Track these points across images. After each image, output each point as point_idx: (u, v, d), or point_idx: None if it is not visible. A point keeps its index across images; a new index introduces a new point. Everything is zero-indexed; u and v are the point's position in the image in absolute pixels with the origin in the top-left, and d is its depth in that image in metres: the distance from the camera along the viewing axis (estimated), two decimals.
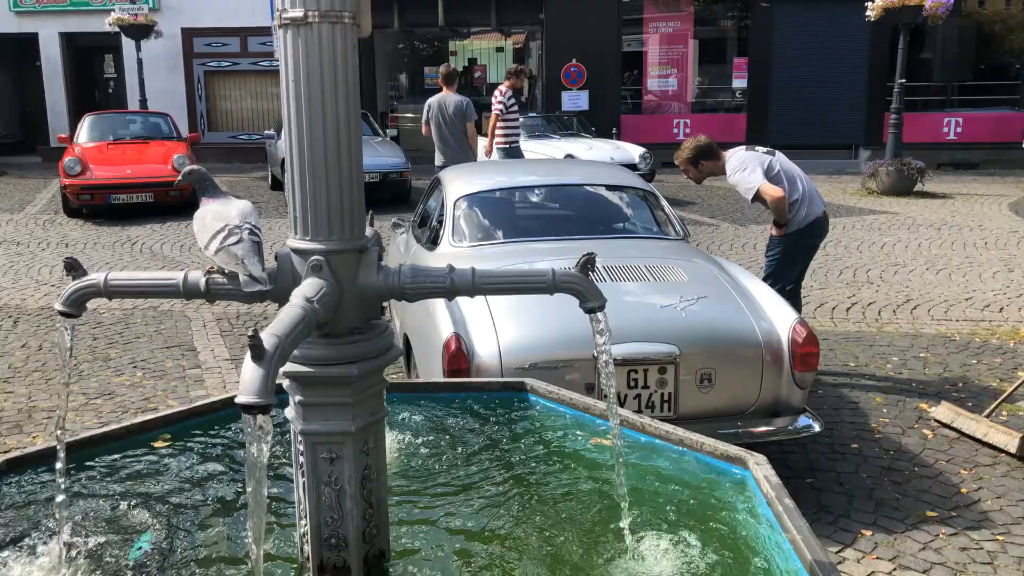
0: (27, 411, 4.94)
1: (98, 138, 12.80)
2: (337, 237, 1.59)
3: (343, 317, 1.60)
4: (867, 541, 3.44)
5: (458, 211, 4.76)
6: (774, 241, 5.13)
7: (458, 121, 8.66)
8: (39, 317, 6.91)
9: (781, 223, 5.00)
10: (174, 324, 6.65)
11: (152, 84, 16.56)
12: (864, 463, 4.14)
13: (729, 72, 17.86)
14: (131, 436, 2.25)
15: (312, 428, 1.60)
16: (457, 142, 8.71)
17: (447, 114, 8.67)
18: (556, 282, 1.68)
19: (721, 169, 5.10)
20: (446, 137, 8.74)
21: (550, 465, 2.21)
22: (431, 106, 8.82)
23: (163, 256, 9.41)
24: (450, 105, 8.67)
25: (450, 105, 8.67)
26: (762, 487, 1.95)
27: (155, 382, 5.41)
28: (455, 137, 8.71)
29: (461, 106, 8.68)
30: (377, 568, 1.68)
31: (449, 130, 8.68)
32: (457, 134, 8.70)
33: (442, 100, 8.77)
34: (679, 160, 5.21)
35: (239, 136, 19.01)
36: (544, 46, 18.22)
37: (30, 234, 10.60)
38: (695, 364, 3.57)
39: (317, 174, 1.57)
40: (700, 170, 5.17)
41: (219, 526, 1.89)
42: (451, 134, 8.69)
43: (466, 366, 3.53)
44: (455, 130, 8.67)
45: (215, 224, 1.64)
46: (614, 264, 4.06)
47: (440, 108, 8.72)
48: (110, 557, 1.77)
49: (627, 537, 1.81)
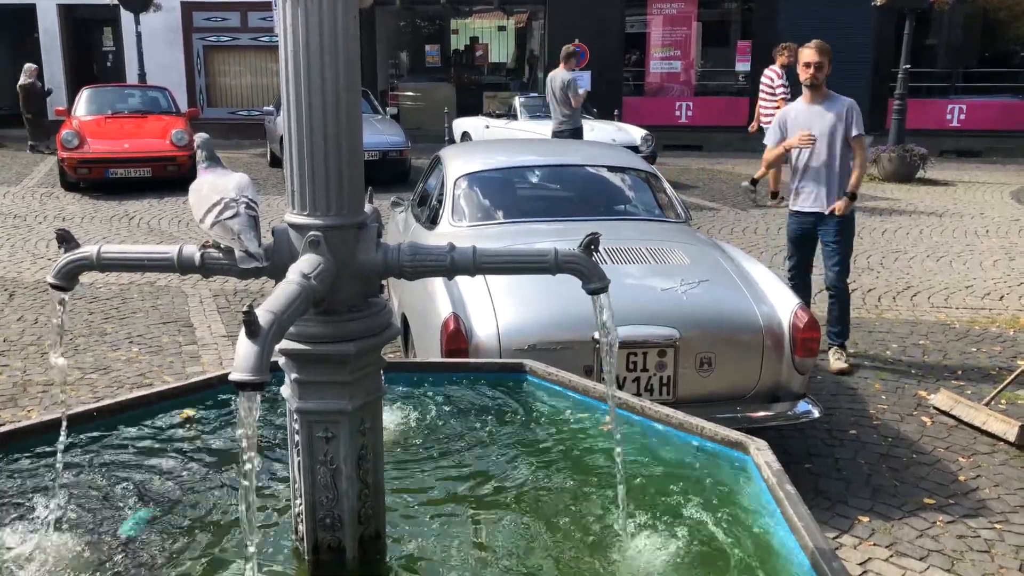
0: (22, 385, 4.92)
1: (96, 112, 12.70)
2: (335, 213, 1.56)
3: (341, 294, 1.57)
4: (864, 527, 3.44)
5: (458, 190, 4.71)
6: (850, 219, 5.15)
7: (561, 94, 9.96)
8: (35, 291, 6.87)
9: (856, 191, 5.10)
10: (171, 300, 6.62)
11: (151, 58, 16.40)
12: (862, 449, 4.13)
13: (732, 55, 17.73)
14: (126, 411, 2.23)
15: (308, 407, 1.57)
16: (561, 112, 10.04)
17: (554, 87, 10.06)
18: (559, 262, 1.65)
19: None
20: (554, 108, 10.16)
21: (548, 447, 2.19)
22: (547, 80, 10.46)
23: (160, 231, 9.36)
24: (556, 80, 10.04)
25: (556, 80, 10.04)
26: (763, 472, 1.93)
27: (151, 357, 5.39)
28: (561, 106, 10.02)
29: (563, 81, 10.00)
30: (372, 549, 1.66)
31: (557, 102, 10.04)
32: (562, 105, 10.02)
33: (552, 76, 10.23)
34: (824, 51, 5.03)
35: (238, 112, 18.88)
36: (546, 26, 18.08)
37: (27, 207, 10.54)
38: (695, 348, 3.55)
39: (316, 148, 1.53)
40: (826, 73, 5.10)
41: (215, 503, 1.87)
42: (558, 105, 10.04)
43: (464, 346, 3.51)
44: (560, 102, 10.00)
45: (212, 197, 1.60)
46: (615, 246, 4.02)
47: (550, 82, 10.22)
48: (105, 530, 1.75)
49: (625, 520, 1.79)
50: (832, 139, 5.02)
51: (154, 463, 2.03)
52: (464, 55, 21.55)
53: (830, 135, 5.02)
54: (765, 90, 10.57)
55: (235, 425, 2.20)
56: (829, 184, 5.06)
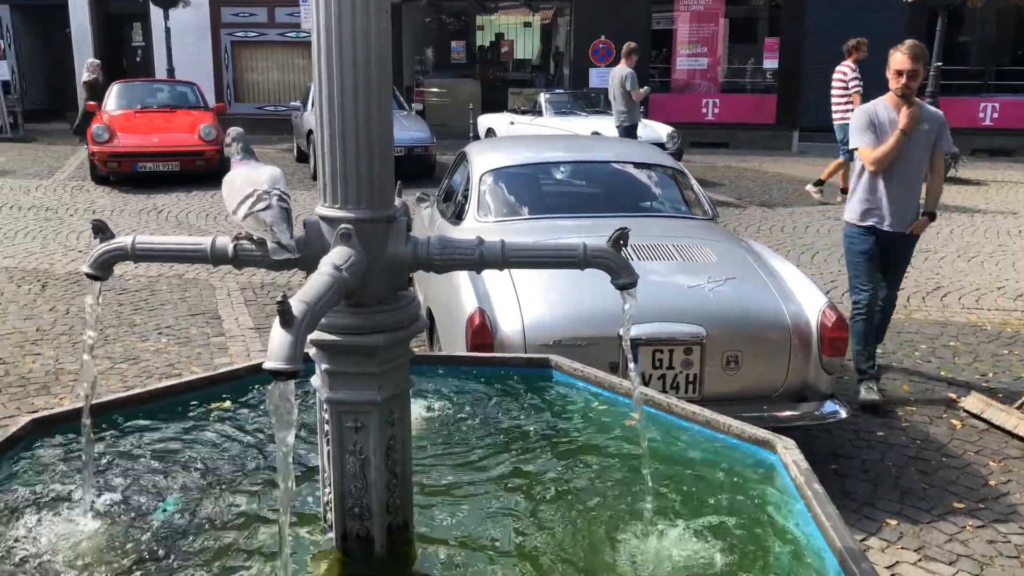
0: (54, 373, 5.00)
1: (126, 106, 12.85)
2: (366, 206, 1.57)
3: (371, 287, 1.58)
4: (892, 530, 3.40)
5: (484, 186, 4.72)
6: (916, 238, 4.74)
7: (620, 89, 10.52)
8: (67, 282, 6.97)
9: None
10: (199, 292, 6.69)
11: (180, 53, 16.57)
12: (890, 451, 4.09)
13: (760, 52, 17.58)
14: (156, 400, 2.25)
15: (338, 397, 1.58)
16: (623, 105, 10.59)
17: (615, 83, 10.66)
18: (587, 257, 1.65)
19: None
20: (615, 102, 10.72)
21: (573, 443, 2.19)
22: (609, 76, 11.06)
23: (188, 224, 9.46)
24: (616, 76, 10.66)
25: (616, 76, 10.66)
26: (790, 471, 1.91)
27: (179, 348, 5.45)
28: (620, 102, 10.60)
29: (623, 77, 10.55)
30: (400, 538, 1.67)
31: (617, 97, 10.64)
32: (621, 99, 10.61)
33: (613, 72, 10.85)
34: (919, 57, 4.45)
35: (265, 107, 19.02)
36: (572, 22, 18.02)
37: (59, 200, 10.69)
38: (721, 346, 3.53)
39: (347, 142, 1.54)
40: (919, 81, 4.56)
41: (244, 492, 1.88)
42: (618, 99, 10.64)
43: (489, 341, 3.51)
44: (620, 96, 10.58)
45: (244, 189, 1.61)
46: (641, 243, 4.00)
47: (611, 78, 10.84)
48: (136, 516, 1.77)
49: (650, 518, 1.79)
50: (923, 155, 4.55)
51: (184, 451, 2.06)
52: (489, 51, 21.55)
53: (923, 150, 4.54)
54: (838, 86, 10.41)
55: (264, 415, 2.23)
56: (914, 202, 4.63)
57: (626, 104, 10.56)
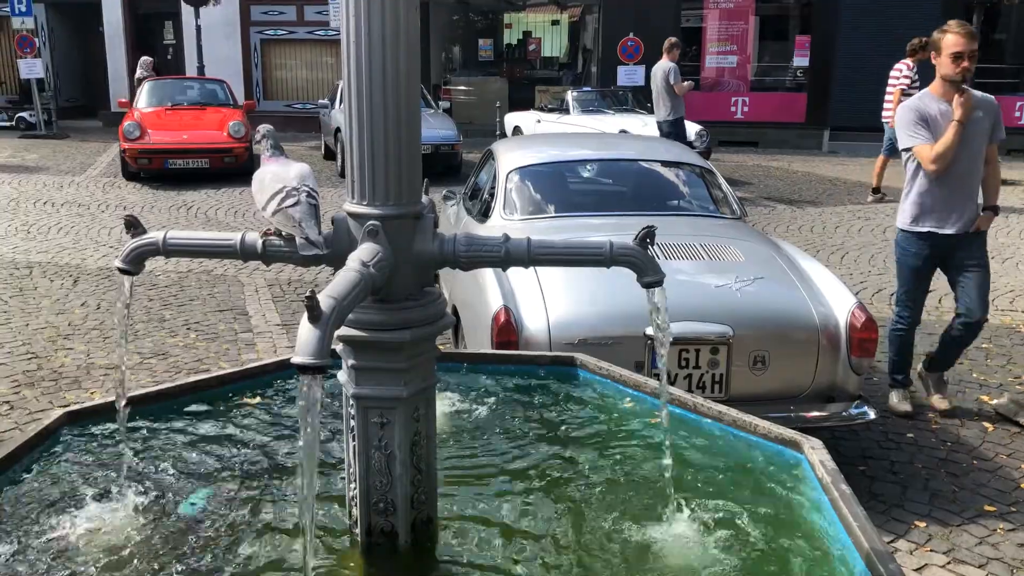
0: (85, 367, 5.07)
1: (157, 104, 13.02)
2: (393, 202, 1.57)
3: (398, 283, 1.59)
4: (921, 533, 3.36)
5: (510, 184, 4.72)
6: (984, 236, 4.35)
7: (664, 83, 10.38)
8: (98, 277, 7.08)
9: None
10: (227, 288, 6.76)
11: (209, 51, 16.75)
12: (919, 453, 4.03)
13: (790, 50, 17.40)
14: (185, 395, 2.28)
15: (364, 392, 1.59)
16: (667, 100, 10.46)
17: (657, 78, 10.51)
18: (613, 255, 1.64)
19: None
20: (656, 97, 10.58)
21: (598, 441, 2.18)
22: (651, 71, 10.83)
23: (217, 221, 9.55)
24: (659, 71, 10.50)
25: (659, 71, 10.50)
26: (817, 472, 1.90)
27: (208, 344, 5.51)
28: (664, 97, 10.45)
29: (666, 71, 10.41)
30: (424, 534, 1.68)
31: (661, 92, 10.48)
32: (665, 94, 10.45)
33: (656, 67, 10.63)
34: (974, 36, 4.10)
35: (293, 105, 19.17)
36: (601, 20, 17.96)
37: (90, 196, 10.86)
38: (749, 346, 3.50)
39: (375, 138, 1.55)
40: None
41: (272, 485, 1.90)
42: (662, 94, 10.48)
43: (514, 339, 3.52)
44: (664, 91, 10.43)
45: (273, 185, 1.63)
46: (668, 241, 3.98)
47: (654, 74, 10.64)
48: (165, 509, 1.80)
49: (677, 518, 1.78)
50: (980, 145, 4.13)
51: (213, 446, 2.08)
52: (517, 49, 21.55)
53: (979, 140, 4.11)
54: (893, 84, 10.33)
55: (291, 410, 2.24)
56: (974, 198, 4.18)
57: (671, 98, 10.41)
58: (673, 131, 10.41)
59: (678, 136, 10.36)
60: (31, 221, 9.27)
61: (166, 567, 1.60)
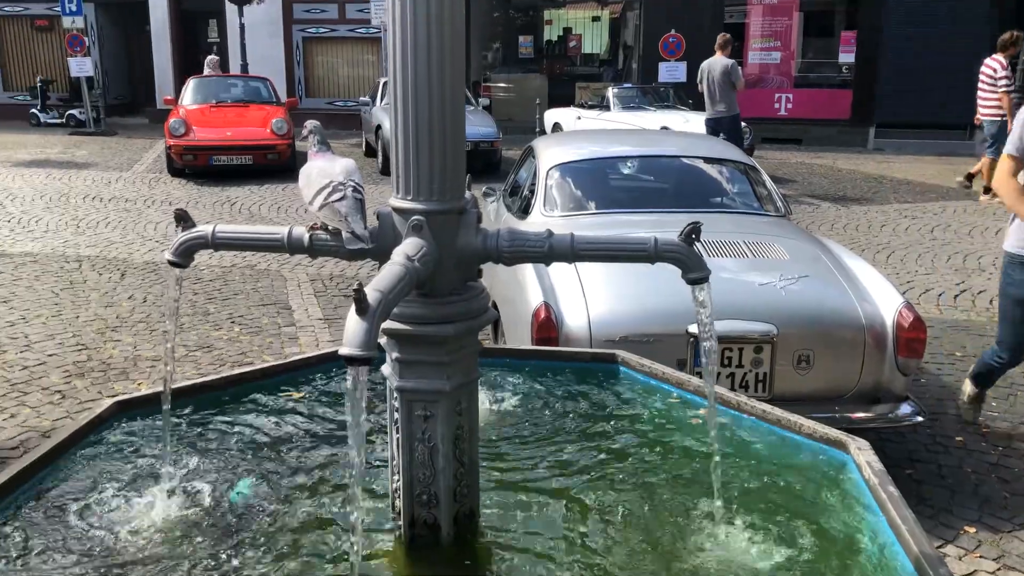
0: (132, 359, 5.18)
1: (201, 101, 13.22)
2: (437, 198, 1.58)
3: (442, 277, 1.59)
4: (970, 539, 3.29)
5: (551, 180, 4.71)
6: None
7: (723, 79, 10.18)
8: (144, 271, 7.22)
9: None
10: (270, 283, 6.85)
11: (253, 49, 16.99)
12: (969, 457, 3.94)
13: (835, 46, 17.14)
14: (231, 386, 2.32)
15: (408, 385, 1.60)
16: (725, 96, 10.26)
17: (715, 74, 10.23)
18: (658, 250, 1.63)
19: None
20: (711, 93, 10.32)
21: (640, 439, 2.17)
22: (703, 68, 10.49)
23: (260, 216, 9.69)
24: (717, 67, 10.26)
25: (717, 67, 10.26)
26: (864, 473, 1.87)
27: (251, 337, 5.59)
28: (722, 93, 10.24)
29: (726, 67, 10.25)
30: (467, 527, 1.68)
31: (716, 88, 10.26)
32: (722, 91, 10.25)
33: (711, 63, 10.38)
34: None
35: (335, 102, 19.35)
36: (642, 16, 17.84)
37: (137, 192, 11.07)
38: (793, 345, 3.45)
39: (420, 134, 1.55)
40: None
41: (315, 477, 1.92)
42: (717, 92, 10.25)
43: (555, 335, 3.51)
44: (721, 88, 10.22)
45: (320, 180, 1.64)
46: (712, 239, 3.94)
47: (709, 70, 10.34)
48: (211, 498, 1.83)
49: (719, 518, 1.76)
50: None
51: (258, 437, 2.11)
52: (557, 46, 21.48)
53: None
54: (986, 81, 10.11)
55: (335, 403, 2.27)
56: None
57: (730, 95, 10.24)
58: (731, 128, 10.23)
59: (735, 132, 10.18)
60: (80, 216, 9.49)
61: (214, 555, 1.63)
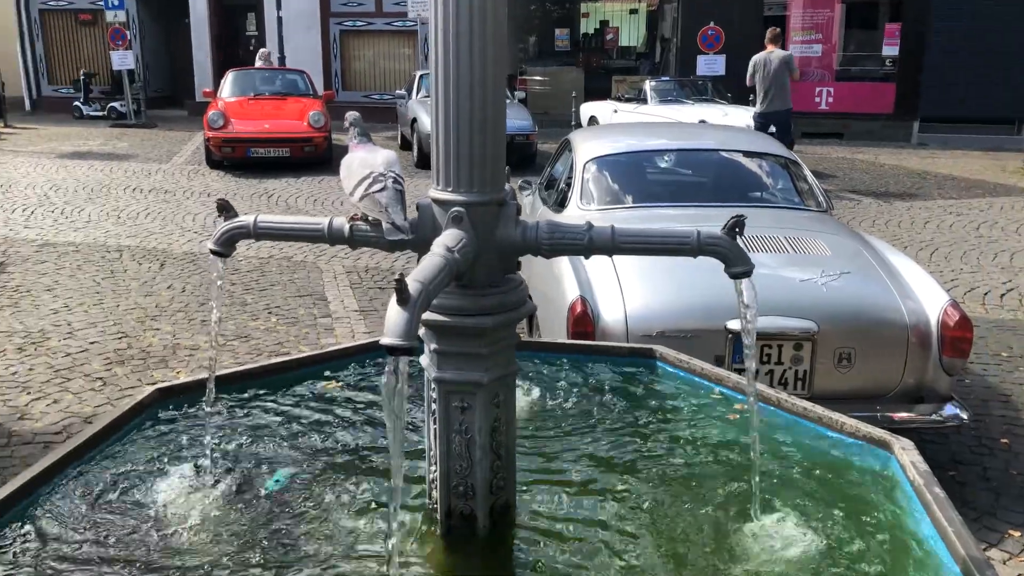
0: (171, 348, 5.26)
1: (240, 93, 13.36)
2: (477, 189, 1.57)
3: (481, 269, 1.59)
4: (1016, 542, 3.21)
5: (587, 173, 4.68)
6: None
7: (782, 69, 10.06)
8: (183, 261, 7.32)
9: None
10: (307, 274, 6.90)
11: (290, 42, 17.14)
12: (1015, 460, 3.85)
13: (879, 39, 16.81)
14: (270, 375, 2.33)
15: (446, 376, 1.60)
16: (779, 91, 10.09)
17: (772, 67, 10.06)
18: (701, 244, 1.60)
19: None
20: (767, 87, 10.14)
21: (678, 435, 2.14)
22: (756, 62, 10.29)
23: (297, 208, 9.77)
24: (774, 60, 10.09)
25: (774, 60, 10.09)
26: (908, 473, 1.82)
27: (288, 328, 5.64)
28: (778, 86, 10.07)
29: (785, 60, 10.15)
30: (503, 520, 1.68)
31: (771, 81, 10.08)
32: (779, 84, 10.08)
33: (767, 57, 10.20)
34: None
35: (371, 95, 19.45)
36: (680, 8, 17.67)
37: (176, 183, 11.23)
38: (834, 342, 3.40)
39: (461, 126, 1.55)
40: None
41: (352, 466, 1.93)
42: (779, 84, 10.08)
43: (591, 330, 3.49)
44: (779, 80, 10.06)
45: (361, 171, 1.64)
46: (751, 233, 3.88)
47: (764, 64, 10.16)
48: (249, 486, 1.84)
49: (758, 517, 1.74)
50: None
51: (296, 426, 2.12)
52: (593, 39, 21.38)
53: None
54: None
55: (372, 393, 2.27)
56: None
57: (785, 89, 10.05)
58: (785, 122, 10.05)
59: (786, 127, 10.01)
60: (121, 207, 9.64)
61: (253, 542, 1.64)
